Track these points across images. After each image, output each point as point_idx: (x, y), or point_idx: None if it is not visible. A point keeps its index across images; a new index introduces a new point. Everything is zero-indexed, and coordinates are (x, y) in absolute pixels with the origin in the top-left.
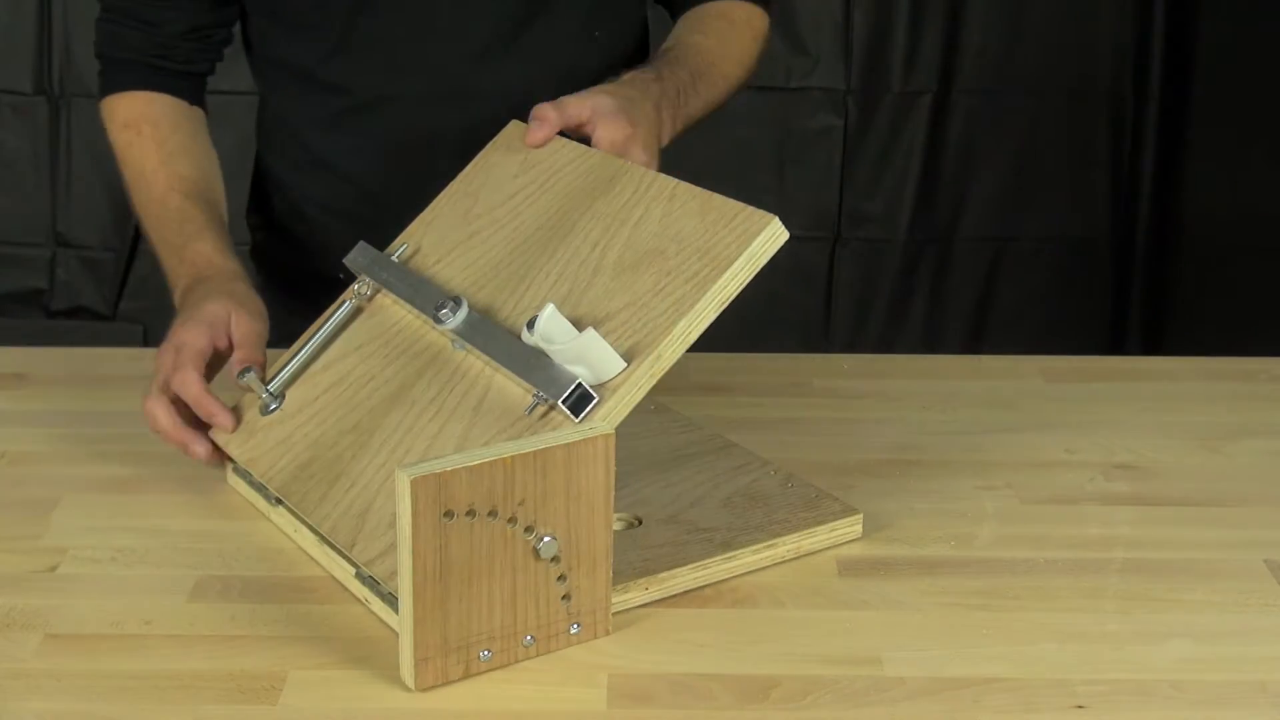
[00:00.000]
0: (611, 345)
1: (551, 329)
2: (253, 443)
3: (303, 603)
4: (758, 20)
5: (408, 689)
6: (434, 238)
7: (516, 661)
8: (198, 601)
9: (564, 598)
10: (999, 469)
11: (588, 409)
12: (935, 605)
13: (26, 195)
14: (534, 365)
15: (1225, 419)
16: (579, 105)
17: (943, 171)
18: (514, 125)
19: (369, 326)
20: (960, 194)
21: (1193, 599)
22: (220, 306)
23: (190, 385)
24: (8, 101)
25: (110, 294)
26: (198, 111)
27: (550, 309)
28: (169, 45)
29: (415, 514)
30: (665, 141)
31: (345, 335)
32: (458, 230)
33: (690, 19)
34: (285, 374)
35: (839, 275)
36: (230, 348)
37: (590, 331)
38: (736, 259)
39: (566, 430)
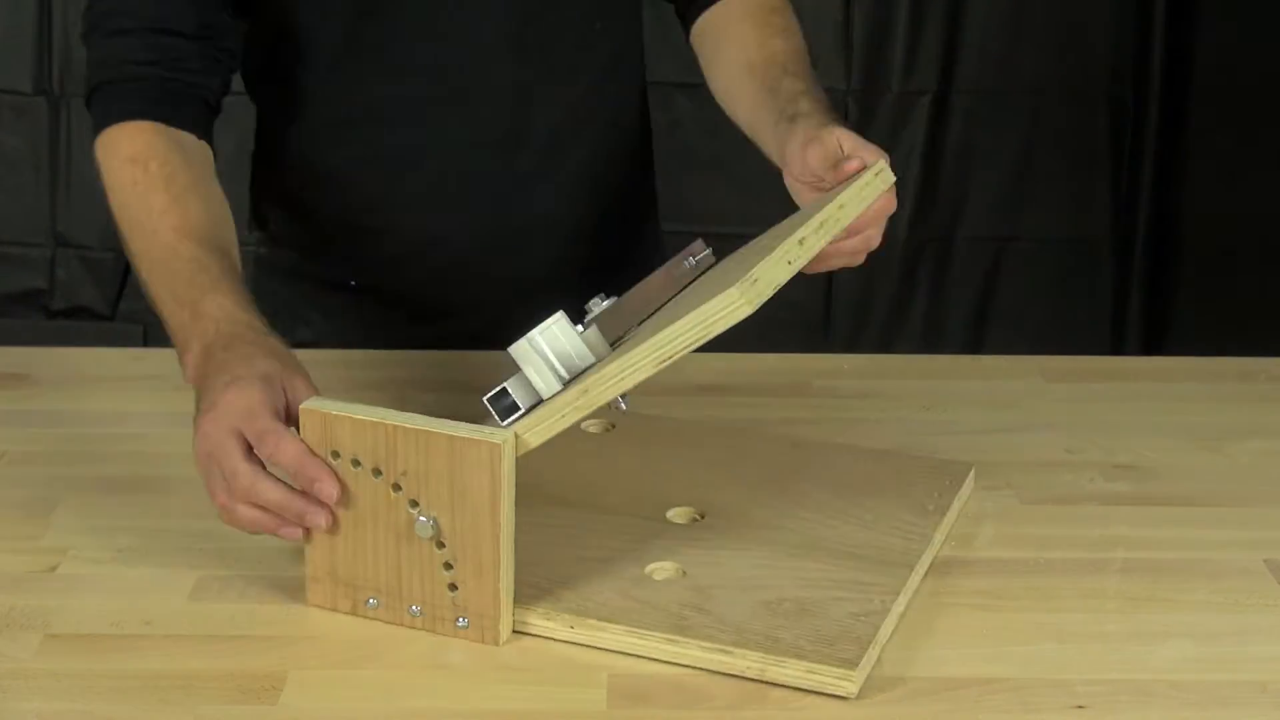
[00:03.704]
0: (548, 364)
1: (554, 332)
2: None
3: (303, 603)
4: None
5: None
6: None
7: (404, 624)
8: (198, 601)
9: (450, 586)
10: (999, 469)
11: (513, 416)
12: (935, 605)
13: (26, 195)
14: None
15: (1225, 419)
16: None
17: (943, 171)
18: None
19: None
20: (960, 194)
21: (1193, 599)
22: (271, 366)
23: (289, 446)
24: (8, 101)
25: (110, 294)
26: (206, 150)
27: (559, 314)
28: (177, 49)
29: (307, 439)
30: None
31: None
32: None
33: (750, 17)
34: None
35: (839, 275)
36: (286, 415)
37: (533, 338)
38: (691, 311)
39: (461, 424)
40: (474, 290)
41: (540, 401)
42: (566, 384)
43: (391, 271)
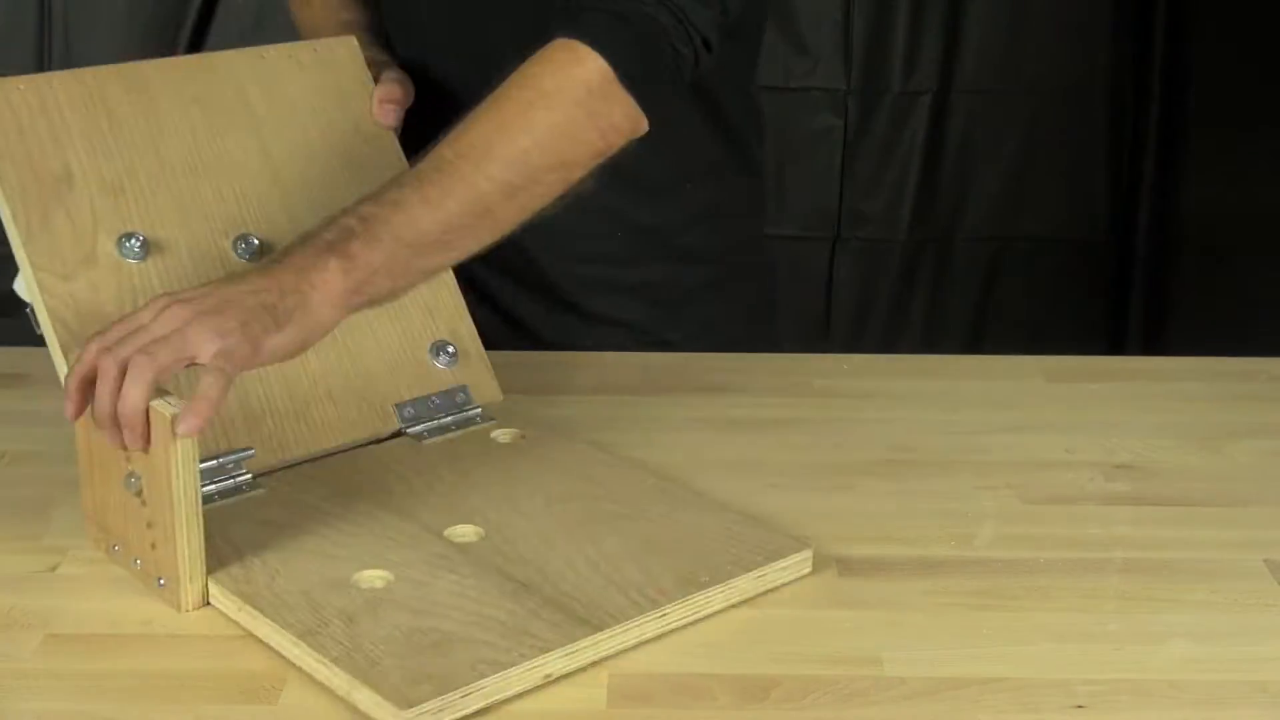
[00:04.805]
0: None
1: None
2: None
3: None
4: (578, 65)
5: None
6: None
7: (125, 568)
8: None
9: (152, 546)
10: (999, 469)
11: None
12: (935, 605)
13: None
14: None
15: (1225, 419)
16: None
17: (943, 171)
18: None
19: None
20: (960, 194)
21: (1193, 599)
22: None
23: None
24: None
25: None
26: None
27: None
28: None
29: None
30: (321, 310)
31: None
32: None
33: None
34: None
35: (839, 275)
36: None
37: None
38: None
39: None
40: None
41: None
42: None
43: None
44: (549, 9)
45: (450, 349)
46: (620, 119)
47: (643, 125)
